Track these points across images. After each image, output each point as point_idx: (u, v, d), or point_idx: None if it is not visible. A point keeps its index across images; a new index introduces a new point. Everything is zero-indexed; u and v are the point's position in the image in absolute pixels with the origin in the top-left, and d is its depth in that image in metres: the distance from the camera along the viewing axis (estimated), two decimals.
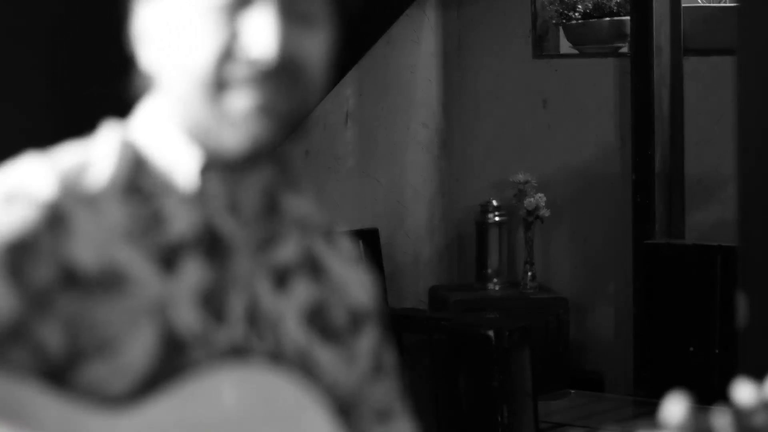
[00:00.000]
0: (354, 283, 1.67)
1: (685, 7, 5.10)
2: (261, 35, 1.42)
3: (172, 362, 1.45)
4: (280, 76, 1.45)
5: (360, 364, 1.67)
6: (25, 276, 1.40)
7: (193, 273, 1.48)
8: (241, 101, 1.45)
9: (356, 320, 1.66)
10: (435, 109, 5.59)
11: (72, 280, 1.42)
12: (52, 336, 1.43)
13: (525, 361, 4.72)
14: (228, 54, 1.44)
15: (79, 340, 1.43)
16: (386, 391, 1.69)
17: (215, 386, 1.43)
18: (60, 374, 1.44)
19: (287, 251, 1.58)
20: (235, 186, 1.52)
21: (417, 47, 5.48)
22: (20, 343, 1.43)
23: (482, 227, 5.33)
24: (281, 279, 1.57)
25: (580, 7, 5.35)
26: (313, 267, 1.62)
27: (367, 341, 1.68)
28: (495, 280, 5.32)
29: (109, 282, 1.43)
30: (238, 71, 1.44)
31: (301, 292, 1.58)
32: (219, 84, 1.44)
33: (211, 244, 1.50)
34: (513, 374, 4.68)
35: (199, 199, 1.50)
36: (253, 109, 1.45)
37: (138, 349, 1.45)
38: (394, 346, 1.72)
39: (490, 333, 4.71)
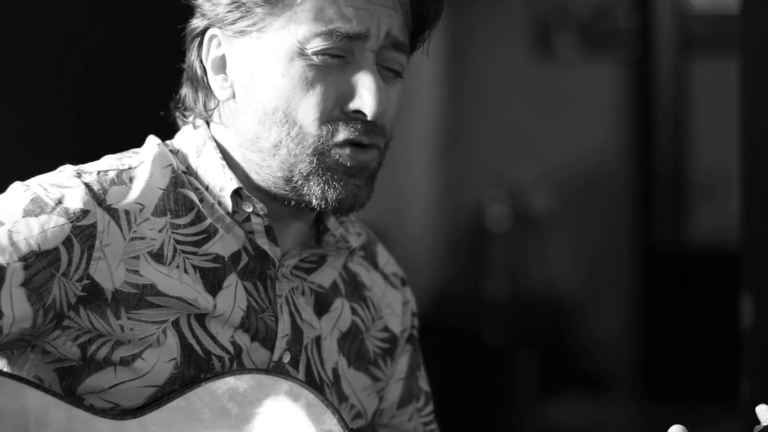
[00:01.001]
0: (394, 305, 1.66)
1: (687, 8, 5.10)
2: (372, 96, 1.43)
3: (189, 377, 1.45)
4: (380, 132, 1.46)
5: (390, 390, 1.66)
6: (48, 286, 1.39)
7: (233, 291, 1.47)
8: (346, 160, 1.45)
9: (392, 343, 1.65)
10: (435, 110, 5.58)
11: (98, 294, 1.41)
12: (66, 347, 1.42)
13: (525, 362, 4.71)
14: (339, 116, 1.44)
15: (97, 352, 1.42)
16: (415, 419, 1.68)
17: (220, 392, 1.43)
18: (74, 380, 1.43)
19: (327, 275, 1.57)
20: (281, 218, 1.52)
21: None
22: (35, 350, 1.42)
23: (483, 227, 5.33)
24: (322, 301, 1.57)
25: (581, 7, 5.34)
26: (354, 289, 1.61)
27: (400, 365, 1.67)
28: (496, 280, 5.31)
29: (135, 298, 1.42)
30: (350, 133, 1.44)
31: (341, 313, 1.58)
32: (324, 147, 1.45)
33: (255, 265, 1.50)
34: (513, 375, 4.67)
35: (242, 224, 1.49)
36: (355, 168, 1.45)
37: (159, 367, 1.44)
38: (426, 371, 1.71)
39: (491, 334, 4.71)
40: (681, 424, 1.42)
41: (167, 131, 1.62)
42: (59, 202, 1.41)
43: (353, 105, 1.45)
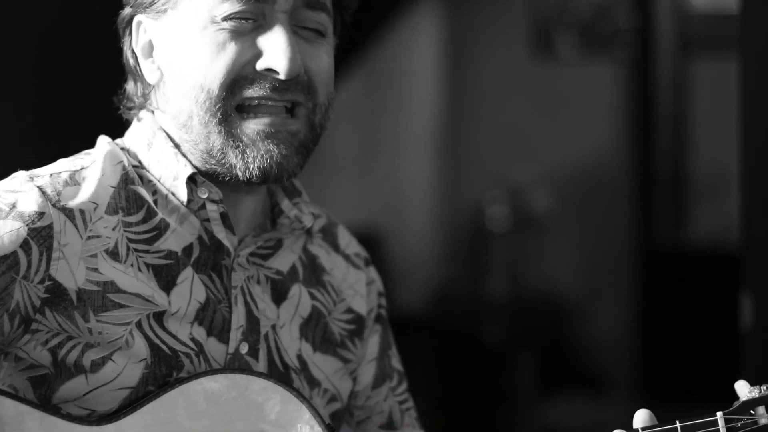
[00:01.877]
0: (357, 286, 1.66)
1: (687, 8, 5.10)
2: (282, 53, 1.42)
3: (161, 377, 1.44)
4: (299, 91, 1.45)
5: (363, 372, 1.65)
6: (9, 290, 1.38)
7: (189, 285, 1.47)
8: (257, 125, 1.44)
9: (359, 323, 1.64)
10: (435, 109, 5.58)
11: (61, 295, 1.41)
12: (37, 352, 1.41)
13: (525, 362, 4.71)
14: (247, 75, 1.44)
15: (68, 356, 1.41)
16: (390, 398, 1.68)
17: (195, 394, 1.42)
18: (47, 389, 1.42)
19: (285, 259, 1.57)
20: (235, 201, 1.51)
21: (418, 47, 5.47)
22: (8, 357, 1.42)
23: (483, 227, 5.33)
24: (279, 287, 1.56)
25: (581, 7, 5.34)
26: (312, 273, 1.61)
27: (371, 346, 1.66)
28: (496, 280, 5.31)
29: (99, 297, 1.42)
30: (255, 92, 1.44)
31: (300, 299, 1.57)
32: (237, 105, 1.44)
33: (208, 256, 1.49)
34: (513, 375, 4.67)
35: (198, 213, 1.49)
36: (270, 132, 1.45)
37: (130, 368, 1.43)
38: (397, 350, 1.71)
39: (491, 334, 4.71)
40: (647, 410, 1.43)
41: None
42: (13, 206, 1.41)
43: (263, 63, 1.44)
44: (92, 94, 2.67)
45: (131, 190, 1.47)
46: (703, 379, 4.69)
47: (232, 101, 1.44)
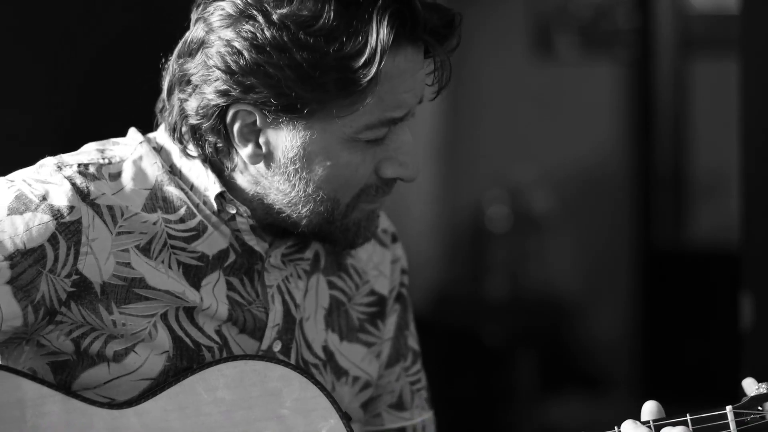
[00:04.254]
0: (381, 266, 1.66)
1: (687, 8, 5.10)
2: (412, 164, 1.49)
3: (182, 369, 1.45)
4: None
5: (383, 352, 1.66)
6: (35, 283, 1.39)
7: (211, 289, 1.48)
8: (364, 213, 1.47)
9: (381, 304, 1.65)
10: (435, 109, 5.58)
11: (87, 289, 1.42)
12: (60, 341, 1.43)
13: (525, 362, 4.71)
14: (373, 183, 1.46)
15: (91, 346, 1.42)
16: (402, 378, 1.69)
17: (214, 379, 1.43)
18: (68, 374, 1.43)
19: (312, 249, 1.58)
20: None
21: None
22: (30, 343, 1.43)
23: (483, 227, 5.33)
24: (307, 279, 1.57)
25: (581, 7, 5.34)
26: (335, 259, 1.62)
27: (389, 326, 1.67)
28: (496, 280, 5.31)
29: (123, 291, 1.43)
30: (376, 200, 1.47)
31: (318, 290, 1.58)
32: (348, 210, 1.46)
33: (243, 262, 1.50)
34: (513, 375, 4.67)
35: (228, 222, 1.49)
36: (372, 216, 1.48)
37: (152, 360, 1.44)
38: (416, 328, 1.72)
39: (491, 334, 4.71)
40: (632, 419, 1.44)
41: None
42: (44, 198, 1.41)
43: (393, 173, 1.48)
44: (96, 95, 2.67)
45: (167, 192, 1.48)
46: (703, 379, 4.69)
47: (354, 211, 1.47)
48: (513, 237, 5.39)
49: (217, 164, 1.49)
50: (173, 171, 1.50)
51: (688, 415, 1.41)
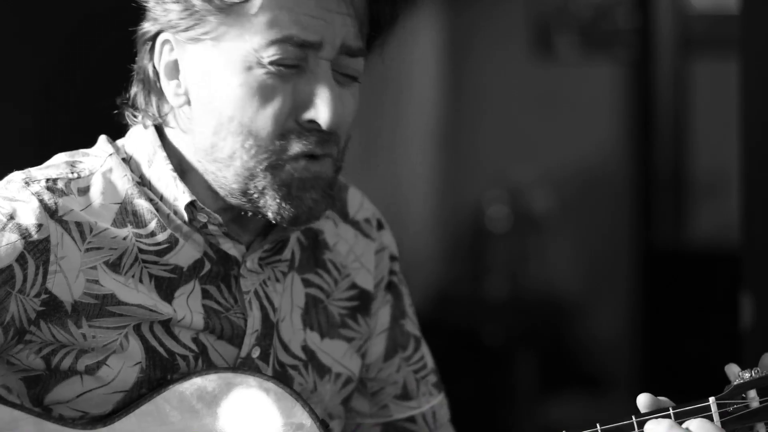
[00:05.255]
0: (364, 258, 1.65)
1: (687, 8, 5.09)
2: (328, 107, 1.42)
3: (155, 380, 1.44)
4: (333, 143, 1.45)
5: (374, 344, 1.65)
6: (4, 304, 1.37)
7: (185, 300, 1.46)
8: (301, 173, 1.44)
9: (363, 299, 1.64)
10: (435, 109, 5.58)
11: (57, 308, 1.40)
12: (30, 360, 1.41)
13: (525, 362, 4.71)
14: (293, 128, 1.43)
15: (62, 362, 1.41)
16: (404, 368, 1.68)
17: (188, 394, 1.42)
18: (41, 389, 1.42)
19: (289, 248, 1.57)
20: (240, 218, 1.51)
21: (418, 47, 5.47)
22: (0, 363, 1.41)
23: (483, 227, 5.32)
24: (284, 277, 1.56)
25: (581, 7, 5.34)
26: (311, 254, 1.61)
27: (382, 318, 1.66)
28: (496, 280, 5.31)
29: (95, 308, 1.41)
30: (302, 147, 1.43)
31: (292, 289, 1.57)
32: (278, 159, 1.44)
33: (218, 269, 1.49)
34: (513, 375, 4.67)
35: (201, 230, 1.48)
36: (310, 181, 1.44)
37: (125, 372, 1.43)
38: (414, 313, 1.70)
39: (491, 334, 4.71)
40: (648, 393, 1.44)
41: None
42: (11, 217, 1.39)
43: (308, 115, 1.44)
44: (93, 95, 2.67)
45: (138, 204, 1.47)
46: (703, 379, 4.68)
47: (284, 155, 1.43)
48: (513, 237, 5.39)
49: (169, 140, 1.49)
50: (143, 182, 1.49)
51: (671, 408, 1.41)
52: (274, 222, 1.46)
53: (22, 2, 2.62)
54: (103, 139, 1.54)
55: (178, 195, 1.46)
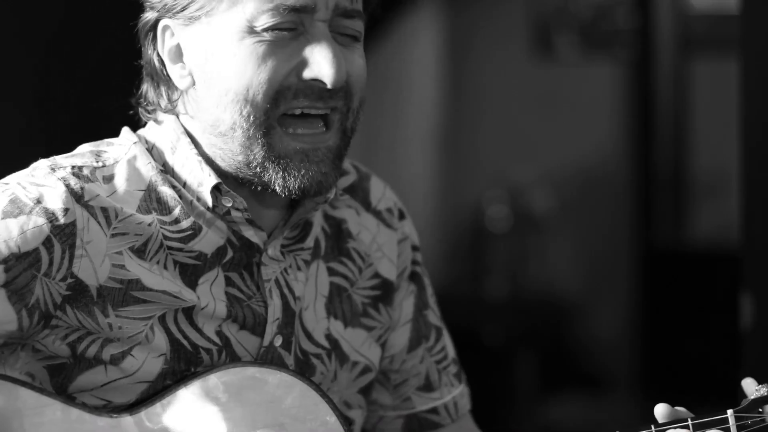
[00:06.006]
0: (386, 247, 1.65)
1: (687, 8, 5.10)
2: (329, 64, 1.42)
3: (180, 372, 1.45)
4: (340, 98, 1.45)
5: (398, 335, 1.65)
6: (30, 287, 1.39)
7: (209, 287, 1.47)
8: (297, 143, 1.44)
9: (385, 289, 1.64)
10: (435, 109, 5.58)
11: (83, 292, 1.41)
12: (56, 346, 1.42)
13: (525, 362, 4.71)
14: (291, 85, 1.44)
15: (87, 350, 1.42)
16: (427, 359, 1.68)
17: (214, 387, 1.43)
18: (65, 377, 1.43)
19: (312, 236, 1.57)
20: (262, 199, 1.51)
21: (418, 47, 5.47)
22: (25, 348, 1.42)
23: (483, 227, 5.33)
24: (308, 268, 1.56)
25: (581, 7, 5.34)
26: (335, 243, 1.61)
27: (406, 309, 1.66)
28: (496, 280, 5.31)
29: (120, 294, 1.43)
30: (300, 102, 1.44)
31: (317, 277, 1.57)
32: (280, 116, 1.44)
33: (241, 256, 1.50)
34: (513, 375, 4.67)
35: (224, 216, 1.49)
36: (309, 152, 1.44)
37: (149, 363, 1.44)
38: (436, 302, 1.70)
39: (491, 334, 4.71)
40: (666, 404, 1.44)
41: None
42: (38, 201, 1.41)
43: (310, 73, 1.44)
44: (94, 94, 2.67)
45: (161, 192, 1.48)
46: (703, 379, 4.69)
47: (277, 111, 1.44)
48: (513, 237, 5.39)
49: (182, 128, 1.50)
50: (165, 169, 1.50)
51: (689, 419, 1.42)
52: (283, 195, 1.46)
53: (21, 2, 2.62)
54: (126, 129, 1.55)
55: (204, 179, 1.47)
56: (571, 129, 5.35)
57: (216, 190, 1.47)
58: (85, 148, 1.52)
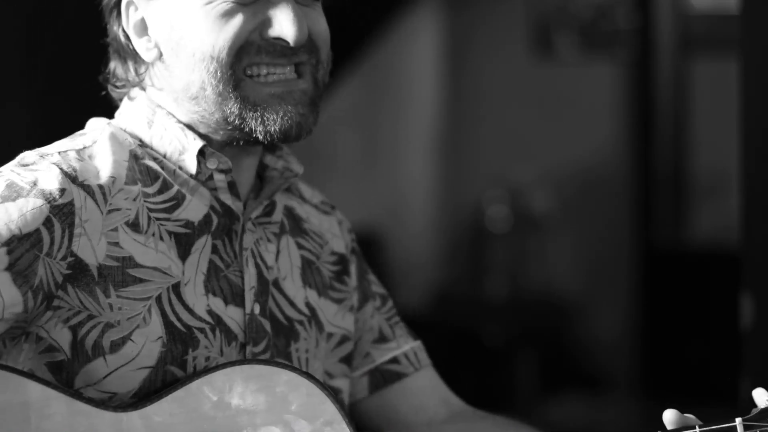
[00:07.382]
0: (333, 229, 1.70)
1: (687, 8, 5.10)
2: (290, 23, 1.46)
3: (178, 354, 1.46)
4: (304, 52, 1.49)
5: (353, 300, 1.69)
6: (33, 268, 1.40)
7: (198, 256, 1.50)
8: (270, 87, 1.48)
9: (343, 263, 1.68)
10: (435, 110, 5.59)
11: (83, 271, 1.43)
12: (57, 330, 1.43)
13: (525, 362, 4.71)
14: (254, 41, 1.47)
15: (87, 336, 1.43)
16: (376, 315, 1.72)
17: (220, 384, 1.43)
18: (67, 374, 1.43)
19: (278, 213, 1.61)
20: (238, 165, 1.54)
21: (418, 47, 5.47)
22: (29, 339, 1.43)
23: (483, 227, 5.33)
24: (278, 241, 1.60)
25: (581, 7, 5.34)
26: (295, 223, 1.65)
27: (353, 276, 1.71)
28: (496, 280, 5.32)
29: (119, 272, 1.44)
30: (263, 58, 1.47)
31: (289, 250, 1.61)
32: (245, 68, 1.47)
33: (225, 222, 1.53)
34: (513, 375, 4.68)
35: (206, 183, 1.52)
36: (284, 93, 1.48)
37: (148, 347, 1.45)
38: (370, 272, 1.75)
39: (491, 334, 4.71)
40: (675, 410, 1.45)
41: None
42: (34, 184, 1.43)
43: (273, 32, 1.49)
44: (90, 91, 2.67)
45: (143, 164, 1.50)
46: (703, 379, 4.70)
47: (240, 65, 1.48)
48: (513, 237, 5.39)
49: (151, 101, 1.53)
50: (143, 144, 1.52)
51: (697, 427, 1.42)
52: (266, 143, 1.50)
53: (22, 2, 2.63)
54: (93, 119, 1.57)
55: (188, 144, 1.50)
56: (570, 129, 5.35)
57: (200, 154, 1.50)
58: (60, 141, 1.54)
